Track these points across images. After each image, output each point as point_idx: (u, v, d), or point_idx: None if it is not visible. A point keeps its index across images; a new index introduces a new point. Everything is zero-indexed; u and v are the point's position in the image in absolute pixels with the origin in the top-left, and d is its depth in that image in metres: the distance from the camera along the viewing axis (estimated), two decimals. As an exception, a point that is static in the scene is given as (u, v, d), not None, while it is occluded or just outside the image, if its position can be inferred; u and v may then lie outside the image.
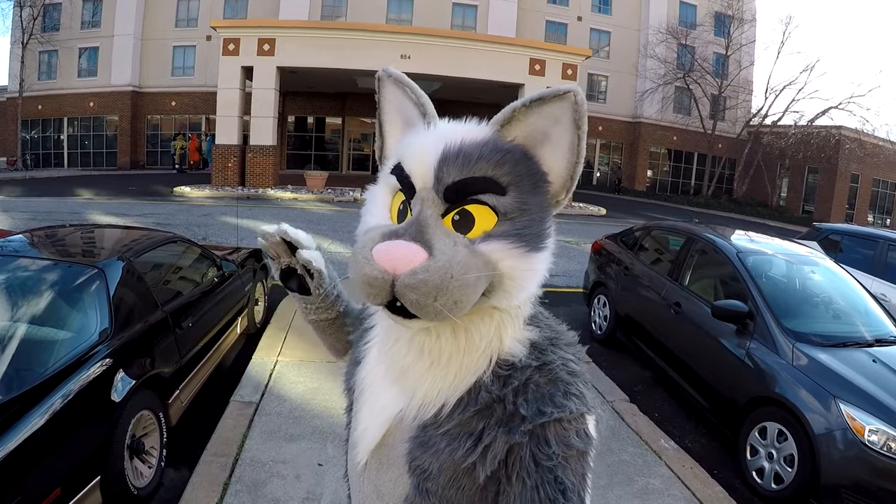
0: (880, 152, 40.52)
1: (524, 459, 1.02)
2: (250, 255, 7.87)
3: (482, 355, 1.10)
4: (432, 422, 1.10)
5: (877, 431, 4.46)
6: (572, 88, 1.02)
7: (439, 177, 1.03)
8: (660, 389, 7.06)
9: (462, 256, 0.98)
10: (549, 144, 1.07)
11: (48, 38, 37.98)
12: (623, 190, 42.83)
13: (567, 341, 1.17)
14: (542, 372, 1.08)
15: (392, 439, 1.18)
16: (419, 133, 1.14)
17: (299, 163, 37.87)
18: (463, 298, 0.98)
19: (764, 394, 5.27)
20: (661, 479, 4.83)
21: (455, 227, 1.03)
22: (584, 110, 1.02)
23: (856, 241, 9.95)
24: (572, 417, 1.04)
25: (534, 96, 1.04)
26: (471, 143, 1.03)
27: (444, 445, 1.08)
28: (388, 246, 0.99)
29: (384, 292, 0.98)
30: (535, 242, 1.04)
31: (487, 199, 1.02)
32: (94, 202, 19.79)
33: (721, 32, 43.47)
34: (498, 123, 1.07)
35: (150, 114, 40.27)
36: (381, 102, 1.32)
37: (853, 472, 4.51)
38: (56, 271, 4.43)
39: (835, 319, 6.14)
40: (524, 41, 30.84)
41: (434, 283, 0.95)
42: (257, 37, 25.04)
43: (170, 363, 4.78)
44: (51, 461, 3.26)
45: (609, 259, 8.79)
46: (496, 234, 1.02)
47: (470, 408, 1.08)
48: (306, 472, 4.38)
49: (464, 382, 1.09)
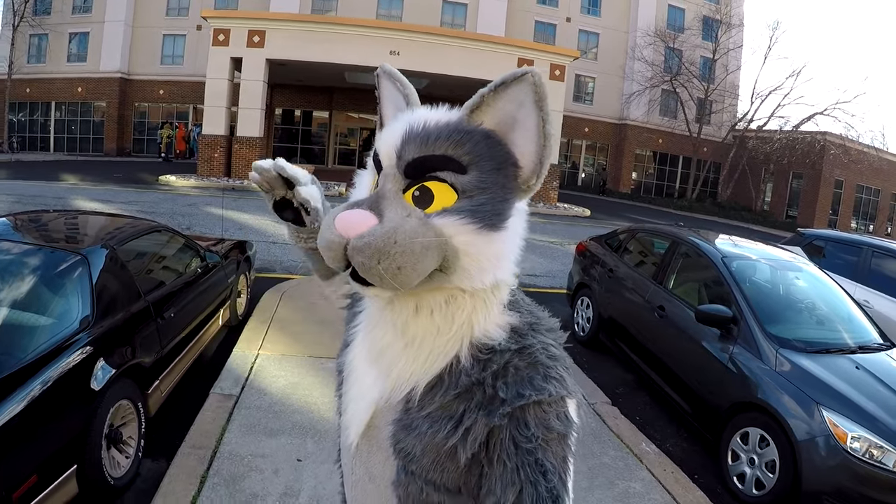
0: (864, 159, 40.92)
1: (504, 442, 1.04)
2: (234, 247, 7.81)
3: (453, 339, 1.11)
4: (414, 404, 1.13)
5: (859, 438, 4.49)
6: (530, 70, 1.03)
7: (400, 154, 1.07)
8: (642, 392, 7.06)
9: (410, 225, 1.02)
10: (518, 128, 1.08)
11: (39, 21, 37.81)
12: (608, 191, 42.98)
13: (548, 326, 1.18)
14: (521, 355, 1.10)
15: (378, 421, 1.20)
16: (396, 118, 1.18)
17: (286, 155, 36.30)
18: (406, 265, 1.00)
19: (746, 399, 5.28)
20: (642, 482, 4.82)
21: (415, 202, 1.07)
22: (543, 91, 1.04)
23: (839, 247, 9.98)
24: (552, 400, 1.06)
25: (498, 80, 1.06)
26: (433, 124, 1.08)
27: (427, 428, 1.09)
28: (346, 213, 1.05)
29: (339, 255, 1.04)
30: (492, 220, 1.06)
31: (446, 176, 1.05)
32: (80, 188, 19.62)
33: (709, 36, 43.72)
34: (468, 108, 1.09)
35: (137, 101, 40.21)
36: (380, 98, 1.38)
37: (835, 479, 4.54)
38: (39, 256, 4.37)
39: (818, 326, 6.18)
40: (513, 41, 30.92)
41: (377, 247, 0.99)
42: (247, 28, 24.98)
43: (150, 353, 4.72)
44: (28, 448, 3.21)
45: (593, 261, 8.79)
46: (452, 210, 1.04)
47: (451, 391, 1.09)
48: (285, 467, 4.34)
49: (436, 365, 1.12)
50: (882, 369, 5.34)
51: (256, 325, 7.21)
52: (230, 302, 7.27)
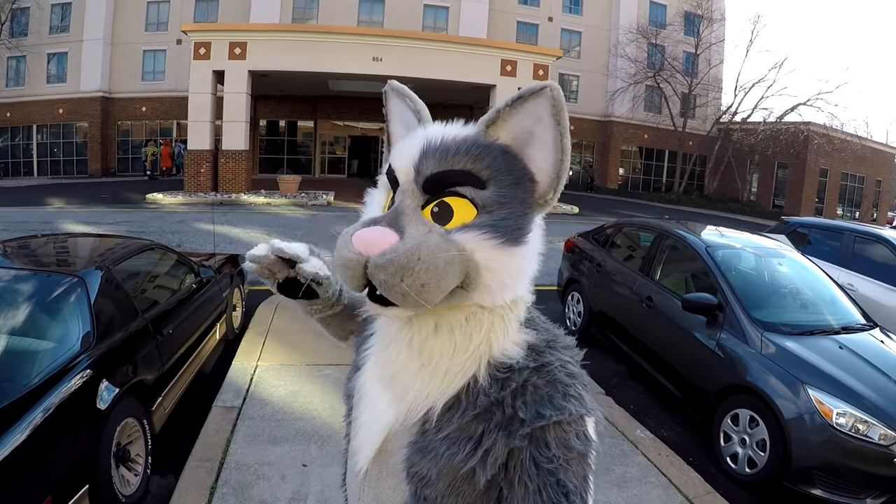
0: (848, 147, 41.19)
1: (525, 463, 1.02)
2: (227, 261, 7.85)
3: (471, 358, 1.10)
4: (431, 426, 1.11)
5: (844, 414, 4.63)
6: (549, 84, 1.03)
7: (419, 169, 1.06)
8: (634, 382, 7.19)
9: (433, 241, 1.00)
10: (535, 143, 1.07)
11: (16, 43, 37.53)
12: (595, 188, 43.10)
13: (565, 344, 1.17)
14: (540, 374, 1.09)
15: (391, 446, 1.18)
16: (411, 134, 1.17)
17: (272, 167, 37.76)
18: (430, 282, 0.98)
19: (735, 382, 5.41)
20: (638, 467, 4.94)
21: (434, 218, 1.06)
22: (562, 105, 1.03)
23: (823, 234, 10.09)
24: (572, 420, 1.05)
25: (515, 96, 1.05)
26: (451, 139, 1.07)
27: (444, 450, 1.07)
28: (365, 231, 1.03)
29: (358, 274, 1.01)
30: (513, 235, 1.04)
31: (466, 191, 1.04)
32: (66, 211, 19.56)
33: (691, 31, 43.93)
34: (484, 123, 1.09)
35: (120, 120, 39.89)
36: (388, 115, 1.35)
37: (823, 454, 4.67)
38: (35, 281, 4.40)
39: (802, 309, 6.32)
40: (495, 42, 30.97)
41: (400, 263, 0.97)
42: (228, 40, 24.89)
43: (152, 370, 4.78)
44: (41, 470, 3.26)
45: (582, 256, 8.89)
46: (473, 225, 1.03)
47: (469, 411, 1.08)
48: (291, 473, 4.43)
49: (453, 385, 1.10)
50: (865, 348, 5.49)
51: (253, 337, 7.29)
52: (226, 316, 7.35)
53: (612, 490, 4.59)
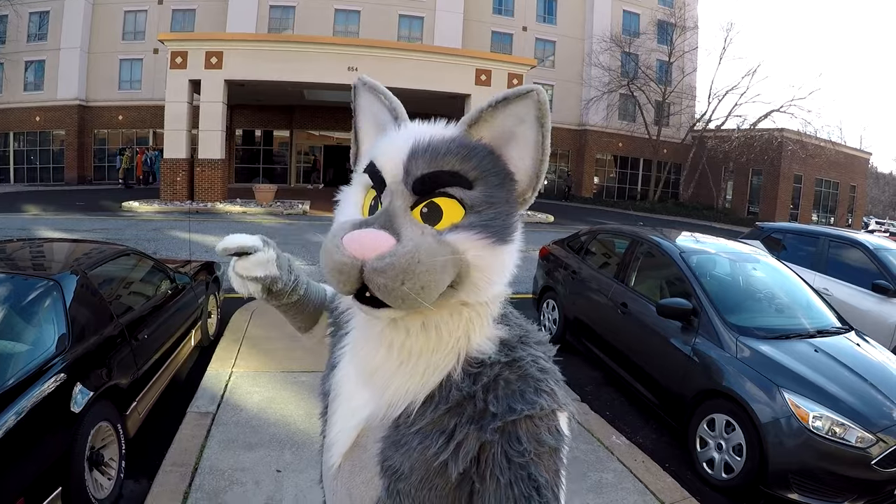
0: (822, 153, 41.63)
1: (496, 457, 1.03)
2: (202, 268, 7.81)
3: (450, 352, 1.11)
4: (405, 420, 1.11)
5: (821, 417, 4.65)
6: (535, 87, 1.05)
7: (408, 170, 1.06)
8: (610, 389, 7.19)
9: (429, 243, 1.00)
10: (515, 143, 1.10)
11: (-7, 51, 37.19)
12: (571, 197, 43.25)
13: (537, 339, 1.18)
14: (511, 368, 1.09)
15: (365, 440, 1.19)
16: (391, 133, 1.17)
17: (248, 176, 37.59)
18: (430, 283, 0.99)
19: (710, 387, 5.42)
20: (614, 473, 4.94)
21: (423, 218, 1.06)
22: (546, 109, 1.06)
23: (798, 239, 10.16)
24: (543, 414, 1.05)
25: (499, 97, 1.07)
26: (439, 139, 1.07)
27: (417, 444, 1.08)
28: (358, 233, 1.02)
29: (353, 279, 1.00)
30: (502, 234, 1.07)
31: (455, 191, 1.05)
32: (42, 218, 19.41)
33: (664, 40, 44.35)
34: (466, 123, 1.10)
35: (97, 128, 39.78)
36: (357, 110, 1.35)
37: (800, 458, 4.68)
38: (10, 284, 4.37)
39: (777, 313, 6.34)
40: (470, 52, 31.03)
41: (401, 267, 0.97)
42: (205, 50, 24.80)
43: (126, 375, 4.75)
44: (14, 472, 3.24)
45: (557, 264, 8.89)
46: (463, 226, 1.04)
47: (441, 405, 1.09)
48: (265, 479, 4.40)
49: (432, 380, 1.11)
50: (841, 351, 5.52)
51: (228, 343, 7.24)
52: (201, 322, 7.30)
53: (588, 496, 4.59)
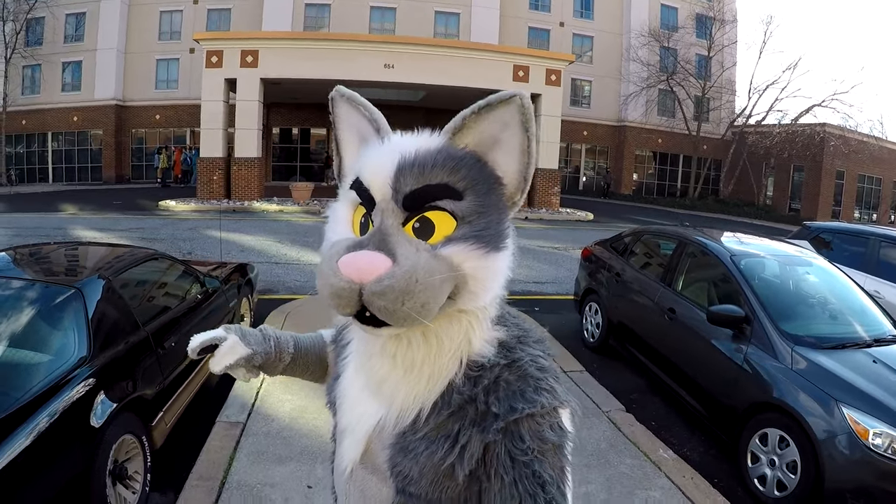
0: (864, 148, 40.92)
1: (500, 456, 1.05)
2: (235, 270, 7.71)
3: (452, 358, 1.12)
4: (410, 427, 1.13)
5: (881, 434, 4.38)
6: (517, 92, 1.05)
7: (397, 187, 1.06)
8: (656, 397, 6.94)
9: (425, 260, 1.01)
10: (500, 148, 1.10)
11: (31, 52, 38.09)
12: (610, 194, 42.89)
13: (535, 338, 1.19)
14: (511, 369, 1.11)
15: (374, 447, 1.20)
16: (375, 147, 1.17)
17: (285, 174, 37.77)
18: (430, 301, 1.00)
19: (763, 399, 5.17)
20: (662, 490, 4.72)
21: (416, 234, 1.07)
22: (530, 113, 1.06)
23: (846, 239, 9.92)
24: (545, 412, 1.07)
25: (482, 103, 1.07)
26: (425, 153, 1.07)
27: (423, 449, 1.10)
28: (353, 256, 1.01)
29: (352, 302, 1.01)
30: (495, 242, 1.08)
31: (445, 204, 1.05)
32: (79, 217, 19.66)
33: (703, 34, 43.77)
34: (449, 132, 1.10)
35: (134, 127, 40.41)
36: (336, 121, 1.33)
37: (858, 477, 4.44)
38: (33, 291, 4.31)
39: (832, 320, 6.06)
40: (507, 48, 30.92)
41: (400, 288, 0.98)
42: (240, 49, 25.01)
43: (152, 385, 4.61)
44: (30, 490, 3.13)
45: (600, 265, 8.70)
46: (456, 238, 1.05)
47: (444, 411, 1.10)
48: (295, 496, 4.23)
49: (437, 386, 1.12)
50: (900, 362, 5.22)
51: (260, 348, 7.07)
52: (233, 326, 7.13)
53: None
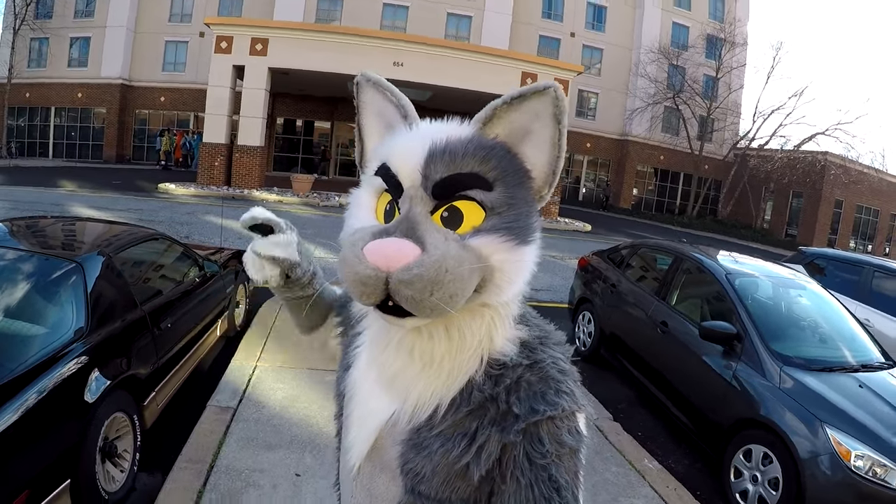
0: (865, 179, 41.10)
1: (518, 458, 1.02)
2: (233, 257, 7.71)
3: (474, 354, 1.09)
4: (426, 424, 1.10)
5: (862, 457, 4.46)
6: (552, 84, 1.03)
7: (427, 174, 1.03)
8: (643, 409, 7.00)
9: (454, 250, 0.98)
10: (530, 140, 1.08)
11: (40, 25, 37.93)
12: (609, 207, 42.96)
13: (556, 340, 1.16)
14: (533, 370, 1.08)
15: (384, 443, 1.17)
16: (403, 133, 1.14)
17: (286, 165, 37.67)
18: (458, 292, 0.97)
19: (750, 416, 5.23)
20: (645, 499, 4.77)
21: (444, 223, 1.03)
22: (564, 105, 1.04)
23: (840, 266, 10.00)
24: (564, 415, 1.04)
25: (514, 93, 1.06)
26: (456, 140, 1.04)
27: (438, 447, 1.07)
28: (380, 244, 0.98)
29: (378, 291, 0.97)
30: (524, 235, 1.05)
31: (475, 194, 1.02)
32: (78, 194, 19.59)
33: (712, 55, 43.83)
34: (480, 122, 1.08)
35: (138, 108, 40.30)
36: (360, 107, 1.31)
37: (838, 497, 4.50)
38: (33, 263, 4.30)
39: (821, 343, 6.12)
40: (517, 54, 30.86)
41: (430, 278, 0.94)
42: (251, 36, 24.94)
43: (147, 364, 4.63)
44: (20, 462, 3.13)
45: (595, 276, 8.74)
46: (485, 229, 1.02)
47: (463, 408, 1.07)
48: (284, 483, 4.26)
49: (457, 382, 1.09)
50: (885, 388, 5.29)
51: (255, 336, 7.14)
52: (228, 312, 7.20)
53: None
